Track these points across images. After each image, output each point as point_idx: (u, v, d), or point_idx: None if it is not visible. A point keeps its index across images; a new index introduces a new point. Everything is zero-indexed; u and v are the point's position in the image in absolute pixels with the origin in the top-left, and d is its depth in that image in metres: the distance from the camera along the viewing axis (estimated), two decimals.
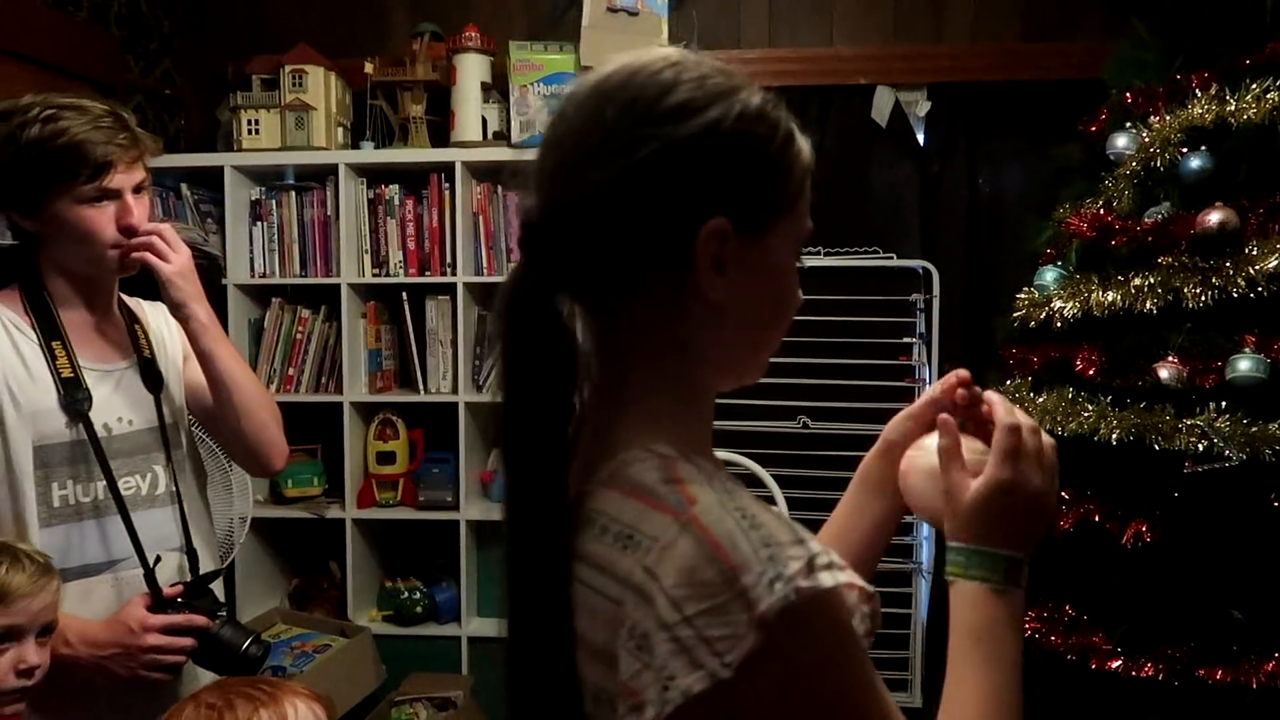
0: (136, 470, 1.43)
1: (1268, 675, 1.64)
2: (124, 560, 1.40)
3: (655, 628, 0.58)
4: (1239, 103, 1.85)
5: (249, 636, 1.41)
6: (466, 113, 2.79)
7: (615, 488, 0.66)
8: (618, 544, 0.63)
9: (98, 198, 1.34)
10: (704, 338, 0.70)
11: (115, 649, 1.33)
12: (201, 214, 2.89)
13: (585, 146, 0.67)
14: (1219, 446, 1.69)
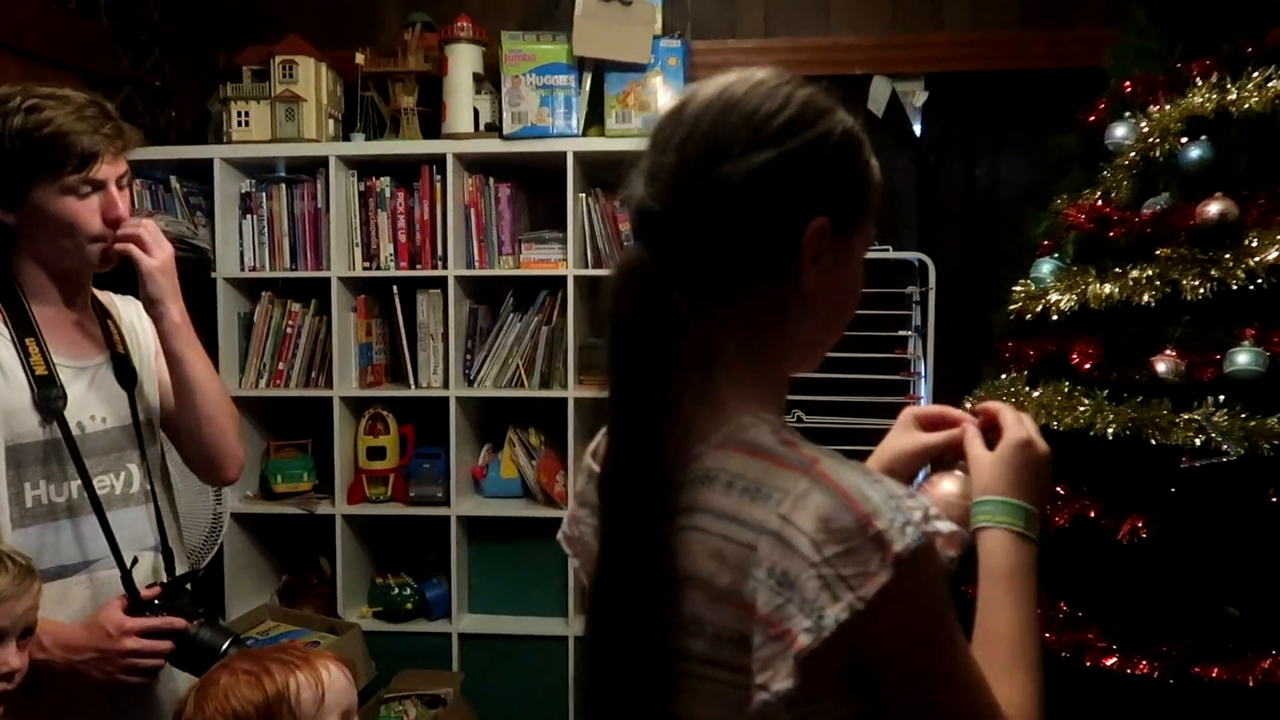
0: (110, 469, 1.40)
1: (1264, 673, 1.61)
2: (99, 560, 1.38)
3: (801, 568, 0.67)
4: (1240, 91, 1.80)
5: (228, 638, 1.38)
6: (458, 104, 2.76)
7: (735, 448, 0.74)
8: (745, 496, 0.71)
9: (83, 189, 1.32)
10: (794, 322, 0.79)
11: (92, 653, 1.30)
12: (191, 207, 2.87)
13: (711, 148, 0.75)
14: (1216, 441, 1.65)
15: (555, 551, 3.10)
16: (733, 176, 0.74)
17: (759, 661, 0.68)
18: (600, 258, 2.79)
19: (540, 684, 2.80)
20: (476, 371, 2.84)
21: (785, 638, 0.67)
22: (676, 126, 0.77)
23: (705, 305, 0.76)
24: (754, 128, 0.75)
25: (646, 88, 2.67)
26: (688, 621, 0.73)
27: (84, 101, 1.32)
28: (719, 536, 0.72)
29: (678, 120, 0.77)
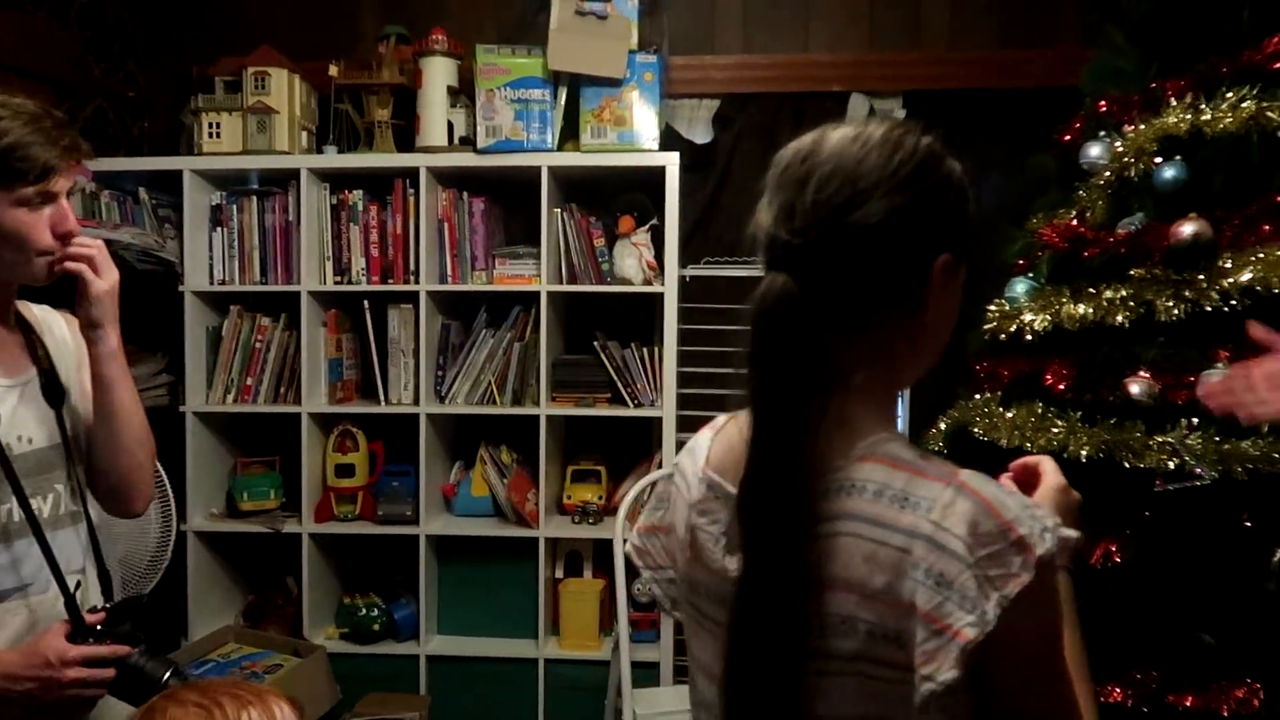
0: (39, 491, 1.34)
1: (1239, 701, 1.58)
2: (34, 584, 1.33)
3: (959, 569, 0.74)
4: (1214, 111, 1.79)
5: (168, 668, 1.32)
6: (432, 117, 2.73)
7: (876, 460, 0.81)
8: (895, 504, 0.78)
9: (38, 201, 1.28)
10: (916, 349, 0.88)
11: (31, 683, 1.24)
12: (160, 219, 2.82)
13: (852, 190, 0.81)
14: (1190, 464, 1.63)
15: (527, 572, 3.09)
16: (873, 217, 0.80)
17: (923, 655, 0.75)
18: (575, 273, 2.76)
19: (510, 707, 2.74)
20: (448, 388, 2.80)
21: (947, 632, 0.74)
22: (813, 168, 0.83)
23: (843, 332, 0.83)
24: (891, 172, 0.81)
25: (622, 102, 2.64)
26: (835, 622, 0.78)
27: (39, 111, 1.28)
28: (872, 541, 0.77)
29: (814, 162, 0.83)
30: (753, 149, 2.98)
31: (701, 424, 1.02)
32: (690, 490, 0.92)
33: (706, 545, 0.89)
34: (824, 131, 0.86)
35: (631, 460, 2.94)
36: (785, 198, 0.84)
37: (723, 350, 2.94)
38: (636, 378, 2.75)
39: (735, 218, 3.01)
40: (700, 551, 0.89)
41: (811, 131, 0.88)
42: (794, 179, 0.84)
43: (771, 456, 0.80)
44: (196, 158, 2.78)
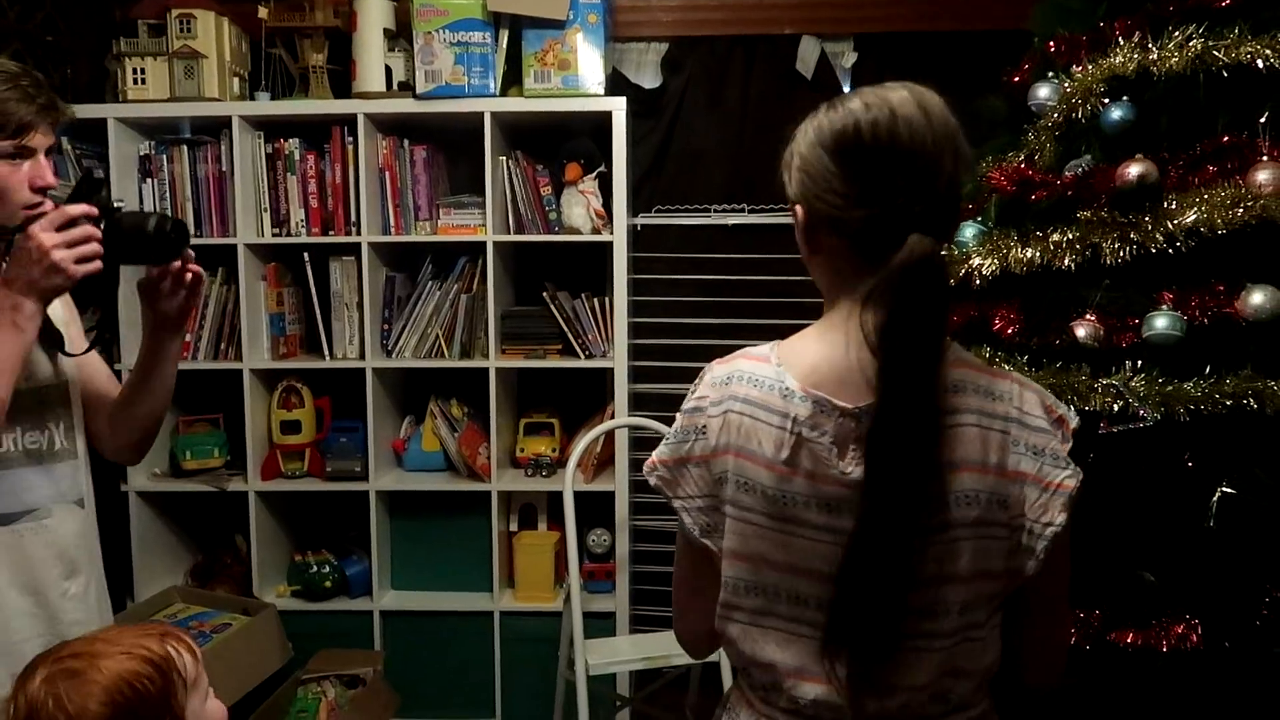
0: (36, 425, 1.39)
1: (1178, 638, 1.61)
2: (39, 509, 1.38)
3: (1046, 439, 0.96)
4: (1161, 51, 1.78)
5: (152, 215, 1.35)
6: (369, 61, 2.63)
7: (961, 365, 0.98)
8: (987, 398, 0.96)
9: (14, 155, 1.31)
10: None
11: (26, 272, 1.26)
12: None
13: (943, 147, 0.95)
14: (1134, 406, 1.64)
15: (480, 526, 3.07)
16: (956, 169, 0.96)
17: (1038, 508, 0.95)
18: (522, 223, 2.70)
19: (465, 660, 2.74)
20: (394, 342, 2.74)
21: (1053, 487, 0.95)
22: (916, 129, 0.94)
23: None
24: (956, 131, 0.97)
25: (566, 45, 2.56)
26: (960, 497, 0.94)
27: (18, 70, 1.32)
28: (980, 428, 0.95)
29: (933, 129, 0.94)
30: (702, 93, 2.93)
31: (655, 375, 1.15)
32: (791, 409, 0.97)
33: (820, 455, 0.95)
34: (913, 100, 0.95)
35: (585, 412, 2.92)
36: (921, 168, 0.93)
37: (675, 300, 2.91)
38: (587, 328, 2.71)
39: (686, 164, 2.96)
40: (810, 462, 0.96)
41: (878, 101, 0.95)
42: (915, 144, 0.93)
43: (917, 372, 0.92)
44: (121, 105, 2.66)
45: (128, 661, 0.99)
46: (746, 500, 0.98)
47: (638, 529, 2.88)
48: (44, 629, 1.37)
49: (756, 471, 0.97)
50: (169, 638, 1.05)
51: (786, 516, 0.97)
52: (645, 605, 2.93)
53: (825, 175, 0.96)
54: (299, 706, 2.41)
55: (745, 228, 2.88)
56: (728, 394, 1.00)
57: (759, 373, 1.00)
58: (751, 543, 0.98)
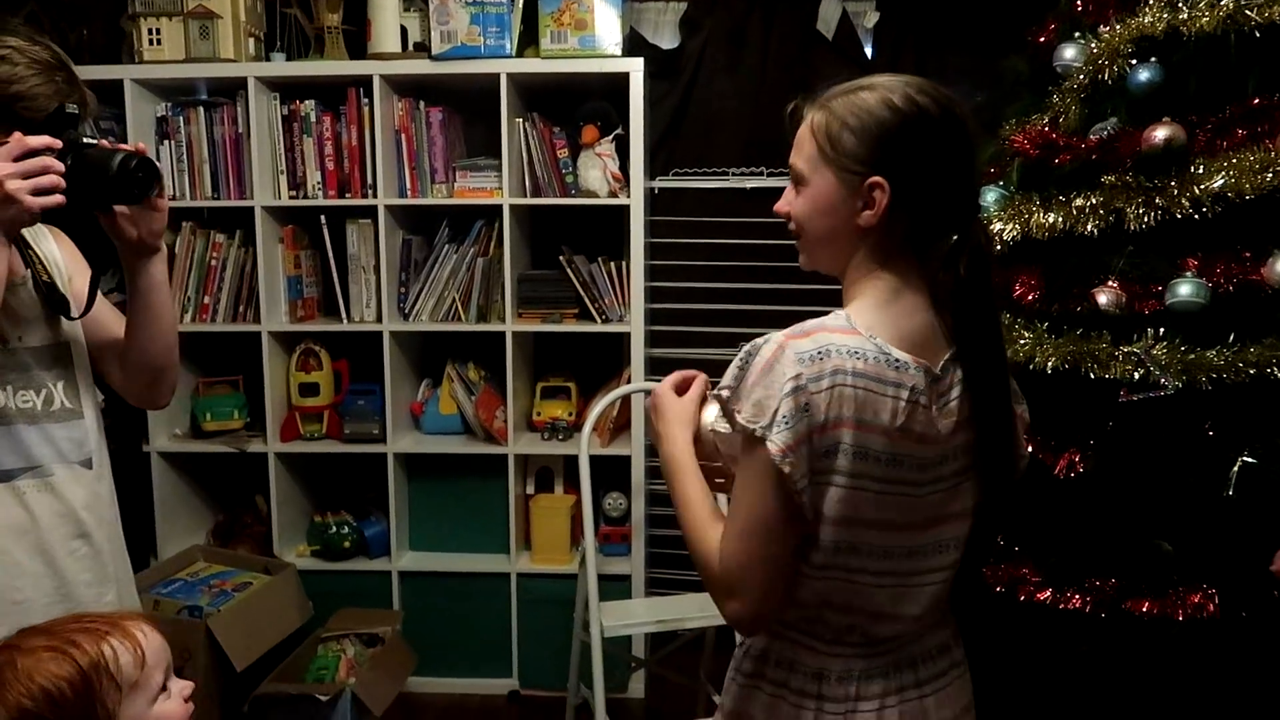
0: (30, 385, 1.36)
1: (1194, 607, 1.61)
2: (29, 469, 1.35)
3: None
4: (1191, 11, 1.73)
5: (119, 153, 1.27)
6: (384, 21, 2.61)
7: None
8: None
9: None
10: None
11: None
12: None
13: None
14: (1155, 375, 1.62)
15: (497, 488, 3.09)
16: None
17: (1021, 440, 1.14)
18: (538, 186, 2.68)
19: (482, 621, 2.77)
20: (411, 305, 2.74)
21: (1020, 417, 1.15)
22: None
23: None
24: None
25: (583, 5, 2.53)
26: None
27: (54, 60, 1.28)
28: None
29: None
30: (721, 54, 2.89)
31: (672, 339, 1.22)
32: (906, 379, 1.01)
33: (931, 418, 1.02)
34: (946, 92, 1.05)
35: (602, 376, 2.92)
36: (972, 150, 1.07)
37: (692, 264, 2.89)
38: (604, 293, 2.70)
39: (704, 127, 2.92)
40: (921, 425, 1.02)
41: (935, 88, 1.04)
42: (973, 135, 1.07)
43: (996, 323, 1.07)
44: (137, 66, 2.65)
45: (49, 663, 0.94)
46: (861, 468, 1.00)
47: (654, 493, 2.89)
48: (51, 589, 1.35)
49: (874, 440, 1.00)
50: (115, 633, 0.99)
51: (894, 478, 1.02)
52: (660, 568, 2.95)
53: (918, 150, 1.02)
54: (319, 664, 2.44)
55: (763, 191, 2.85)
56: (829, 368, 0.98)
57: (856, 345, 1.00)
58: (862, 508, 1.02)
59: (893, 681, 1.08)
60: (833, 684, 1.07)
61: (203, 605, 2.37)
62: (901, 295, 1.04)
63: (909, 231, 1.04)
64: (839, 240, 1.06)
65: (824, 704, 1.08)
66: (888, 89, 1.03)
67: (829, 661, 1.08)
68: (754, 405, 0.99)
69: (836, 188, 1.04)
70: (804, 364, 0.98)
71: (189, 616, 2.33)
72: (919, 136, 1.01)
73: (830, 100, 1.06)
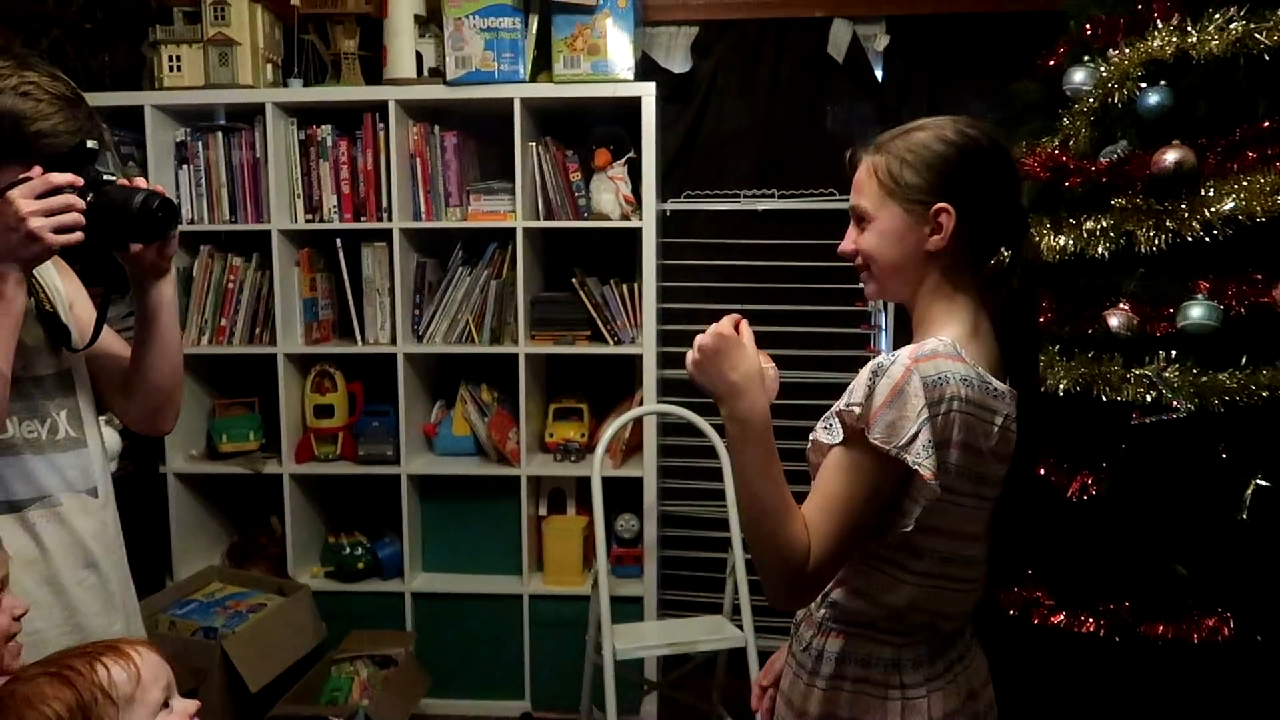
0: (34, 414, 1.36)
1: (1209, 630, 1.60)
2: (38, 500, 1.35)
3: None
4: (1201, 34, 1.75)
5: (141, 192, 1.29)
6: (400, 48, 2.64)
7: None
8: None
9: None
10: None
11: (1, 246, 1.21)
12: (123, 156, 2.74)
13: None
14: (1167, 397, 1.62)
15: (509, 509, 3.08)
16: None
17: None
18: (551, 209, 2.70)
19: (495, 642, 2.77)
20: (425, 327, 2.76)
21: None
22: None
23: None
24: None
25: (596, 30, 2.56)
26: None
27: (73, 96, 1.29)
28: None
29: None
30: (732, 78, 2.91)
31: (684, 361, 1.18)
32: (1000, 408, 1.11)
33: (1009, 438, 1.13)
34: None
35: (614, 397, 2.93)
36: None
37: (704, 286, 2.90)
38: (616, 315, 2.72)
39: (716, 150, 2.94)
40: (1003, 445, 1.13)
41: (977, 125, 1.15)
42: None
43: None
44: (157, 92, 2.70)
45: (46, 686, 0.96)
46: (956, 485, 1.10)
47: (666, 514, 2.89)
48: (62, 619, 1.35)
49: (974, 461, 1.10)
50: (109, 654, 1.00)
51: (979, 495, 1.14)
52: (673, 590, 2.95)
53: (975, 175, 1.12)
54: (332, 685, 2.45)
55: (775, 213, 2.87)
56: (946, 394, 1.07)
57: (966, 374, 1.09)
58: (960, 523, 1.14)
59: (942, 662, 1.18)
60: (909, 671, 1.17)
61: (218, 626, 2.38)
62: (980, 323, 1.15)
63: (974, 250, 1.15)
64: (910, 267, 1.15)
65: (906, 691, 1.16)
66: (938, 126, 1.15)
67: (903, 653, 1.17)
68: (887, 426, 1.05)
69: (904, 218, 1.13)
70: (926, 389, 1.06)
71: (204, 637, 2.34)
72: (974, 164, 1.13)
73: (886, 144, 1.16)
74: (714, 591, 2.75)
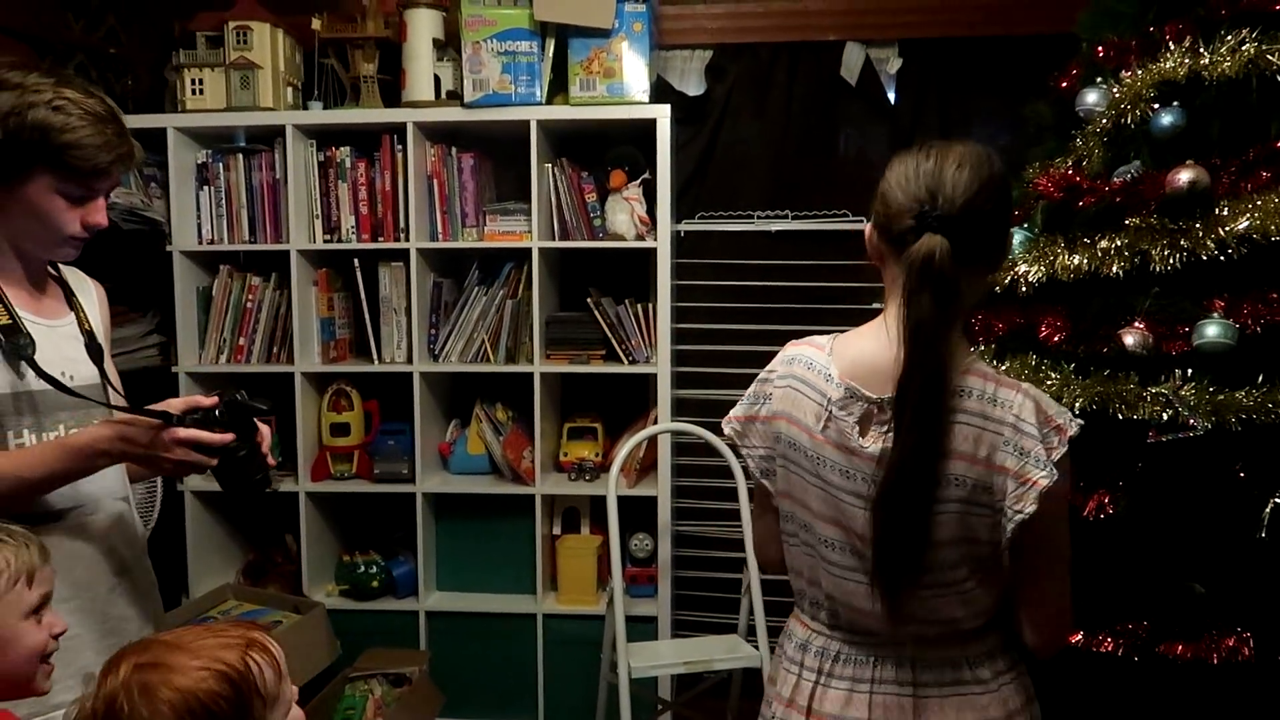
0: (82, 422, 1.41)
1: (1229, 650, 1.59)
2: (84, 505, 1.39)
3: (1033, 444, 1.14)
4: (1213, 55, 1.75)
5: (263, 470, 1.39)
6: (418, 71, 2.68)
7: (975, 373, 1.19)
8: (989, 403, 1.16)
9: (80, 197, 1.36)
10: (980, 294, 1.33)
11: (142, 448, 1.30)
12: (145, 178, 2.79)
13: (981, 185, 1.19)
14: (1184, 415, 1.62)
15: (524, 528, 3.10)
16: (989, 204, 1.19)
17: (1013, 497, 1.14)
18: (567, 229, 2.73)
19: (508, 662, 2.77)
20: (441, 346, 2.78)
21: (1029, 482, 1.13)
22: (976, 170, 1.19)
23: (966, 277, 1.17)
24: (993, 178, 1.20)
25: (611, 54, 2.59)
26: (951, 479, 1.16)
27: (106, 114, 1.35)
28: (977, 428, 1.16)
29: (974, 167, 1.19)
30: (746, 100, 2.94)
31: (698, 380, 1.19)
32: (828, 391, 1.23)
33: (844, 430, 1.21)
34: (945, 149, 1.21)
35: (628, 417, 2.94)
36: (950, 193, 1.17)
37: (718, 306, 2.92)
38: (631, 334, 2.73)
39: (730, 171, 2.97)
40: (836, 435, 1.21)
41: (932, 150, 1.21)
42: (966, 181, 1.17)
43: (926, 367, 1.14)
44: (180, 115, 2.74)
45: (204, 679, 0.95)
46: (793, 455, 1.26)
47: (680, 534, 2.89)
48: (98, 625, 1.38)
49: (800, 435, 1.25)
50: (253, 649, 1.00)
51: (819, 474, 1.24)
52: (687, 610, 2.94)
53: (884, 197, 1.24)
54: (347, 704, 2.45)
55: (788, 234, 2.89)
56: (790, 372, 1.28)
57: (814, 358, 1.26)
58: (795, 488, 1.27)
59: (871, 672, 1.25)
60: (811, 656, 1.29)
61: None
62: (879, 326, 1.24)
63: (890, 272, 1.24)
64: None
65: (804, 671, 1.30)
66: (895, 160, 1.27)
67: (813, 636, 1.30)
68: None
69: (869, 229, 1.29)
70: (780, 364, 1.31)
71: None
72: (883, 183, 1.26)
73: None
74: (728, 612, 2.75)
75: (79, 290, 1.52)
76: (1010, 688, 1.27)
